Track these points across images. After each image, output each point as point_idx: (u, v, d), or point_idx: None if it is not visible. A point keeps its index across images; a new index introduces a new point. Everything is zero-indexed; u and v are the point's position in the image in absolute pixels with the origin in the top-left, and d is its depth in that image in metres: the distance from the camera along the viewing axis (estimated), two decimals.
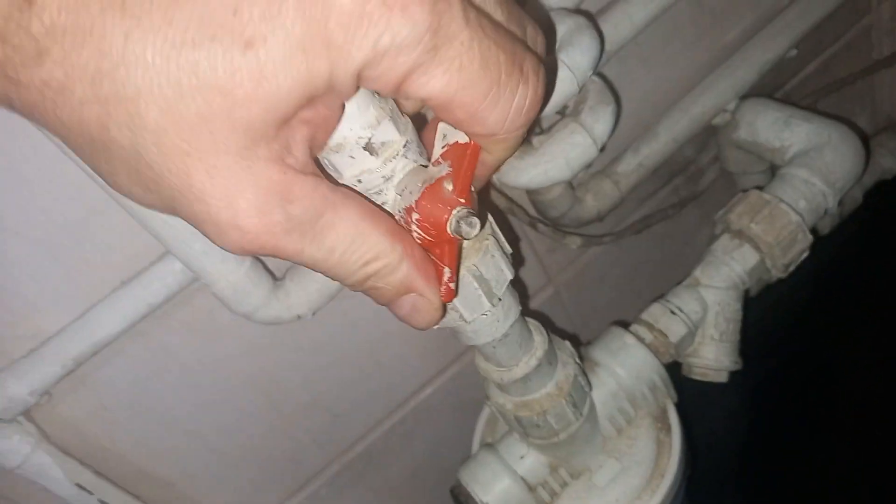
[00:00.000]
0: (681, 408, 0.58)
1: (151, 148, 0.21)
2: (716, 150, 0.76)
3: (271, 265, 0.51)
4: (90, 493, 0.52)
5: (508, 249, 0.37)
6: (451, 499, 0.57)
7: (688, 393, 0.61)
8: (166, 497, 0.59)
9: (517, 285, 0.41)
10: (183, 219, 0.23)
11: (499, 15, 0.25)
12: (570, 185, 0.63)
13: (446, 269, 0.29)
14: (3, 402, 0.46)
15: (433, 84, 0.22)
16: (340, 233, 0.25)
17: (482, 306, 0.36)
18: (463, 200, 0.27)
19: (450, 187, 0.27)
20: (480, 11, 0.23)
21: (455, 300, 0.34)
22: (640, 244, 0.78)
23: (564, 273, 0.74)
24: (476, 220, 0.27)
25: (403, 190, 0.28)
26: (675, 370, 0.61)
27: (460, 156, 0.27)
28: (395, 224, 0.27)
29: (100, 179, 0.23)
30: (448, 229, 0.27)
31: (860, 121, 0.94)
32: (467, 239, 0.27)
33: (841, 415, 0.83)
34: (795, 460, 0.83)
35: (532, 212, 0.64)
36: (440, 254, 0.29)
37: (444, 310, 0.31)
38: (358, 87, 0.23)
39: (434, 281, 0.28)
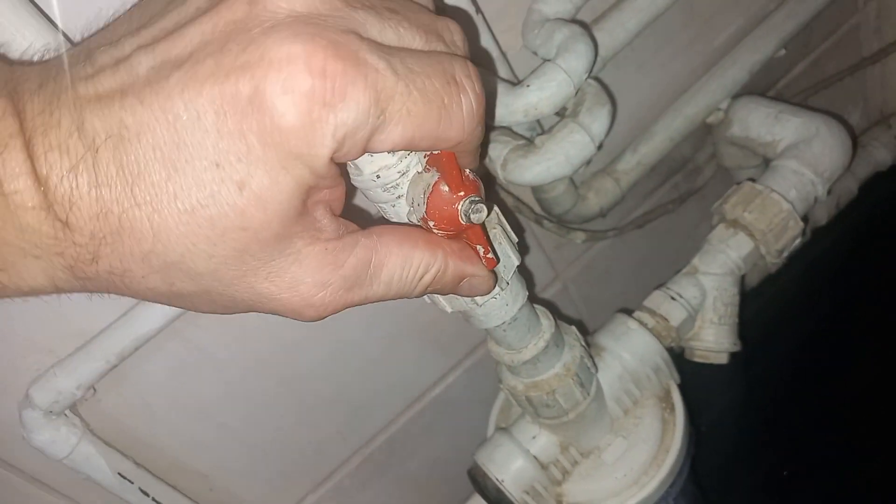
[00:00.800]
0: (684, 394, 0.60)
1: (214, 284, 0.25)
2: (712, 147, 0.79)
3: None
4: (131, 482, 0.54)
5: (515, 238, 0.40)
6: (469, 483, 0.60)
7: (691, 385, 0.62)
8: (201, 487, 0.61)
9: (526, 278, 0.44)
10: (265, 313, 0.27)
11: (417, 42, 0.27)
12: (573, 183, 0.65)
13: (479, 247, 0.33)
14: (52, 396, 0.48)
15: (392, 137, 0.25)
16: (390, 266, 0.29)
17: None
18: (462, 194, 0.30)
19: (446, 189, 0.30)
20: (402, 51, 0.25)
21: None
22: (644, 239, 0.80)
23: (571, 268, 0.77)
24: (481, 205, 0.30)
25: (412, 202, 0.31)
26: (679, 362, 0.62)
27: (441, 162, 0.30)
28: (427, 234, 0.31)
29: None
30: (461, 221, 0.30)
31: (853, 116, 0.96)
32: (480, 223, 0.31)
33: (837, 402, 0.84)
34: (796, 446, 0.85)
35: (538, 209, 0.67)
36: (468, 237, 0.33)
37: (495, 275, 0.37)
38: (341, 164, 0.26)
39: (477, 260, 0.33)
